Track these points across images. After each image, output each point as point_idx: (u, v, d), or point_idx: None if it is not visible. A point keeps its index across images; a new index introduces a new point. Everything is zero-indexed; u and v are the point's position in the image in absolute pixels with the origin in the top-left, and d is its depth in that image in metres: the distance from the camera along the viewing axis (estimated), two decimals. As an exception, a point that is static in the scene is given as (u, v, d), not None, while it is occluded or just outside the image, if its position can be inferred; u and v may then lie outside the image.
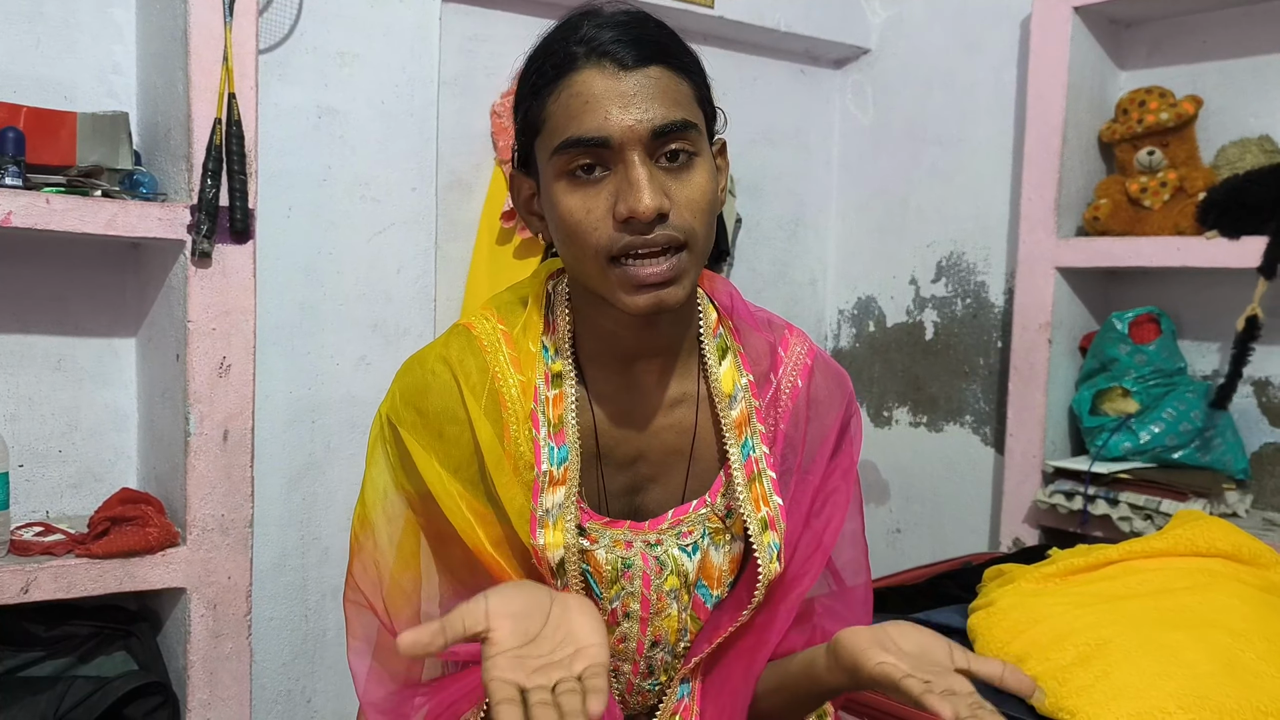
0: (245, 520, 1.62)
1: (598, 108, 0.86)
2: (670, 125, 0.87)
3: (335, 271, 1.94)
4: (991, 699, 1.31)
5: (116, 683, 1.53)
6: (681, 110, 0.88)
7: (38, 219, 1.43)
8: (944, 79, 2.42)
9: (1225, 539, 1.46)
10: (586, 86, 0.87)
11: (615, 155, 0.87)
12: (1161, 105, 1.96)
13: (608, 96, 0.86)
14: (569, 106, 0.87)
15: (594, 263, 0.89)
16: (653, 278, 0.88)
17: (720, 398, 1.00)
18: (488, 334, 1.00)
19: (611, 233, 0.87)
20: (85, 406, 1.75)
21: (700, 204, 0.89)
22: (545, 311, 1.01)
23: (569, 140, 0.87)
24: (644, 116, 0.86)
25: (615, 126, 0.86)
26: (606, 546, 0.98)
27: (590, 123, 0.86)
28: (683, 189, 0.88)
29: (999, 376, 2.30)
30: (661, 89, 0.87)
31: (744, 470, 0.99)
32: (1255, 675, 1.20)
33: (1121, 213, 1.99)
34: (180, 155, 1.56)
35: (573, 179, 0.88)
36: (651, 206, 0.85)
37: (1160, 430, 1.90)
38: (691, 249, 0.89)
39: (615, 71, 0.86)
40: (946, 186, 2.43)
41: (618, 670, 1.00)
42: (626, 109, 0.86)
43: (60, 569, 1.48)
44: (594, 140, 0.86)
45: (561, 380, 0.98)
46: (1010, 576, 1.56)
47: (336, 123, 1.92)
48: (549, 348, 1.00)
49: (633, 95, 0.86)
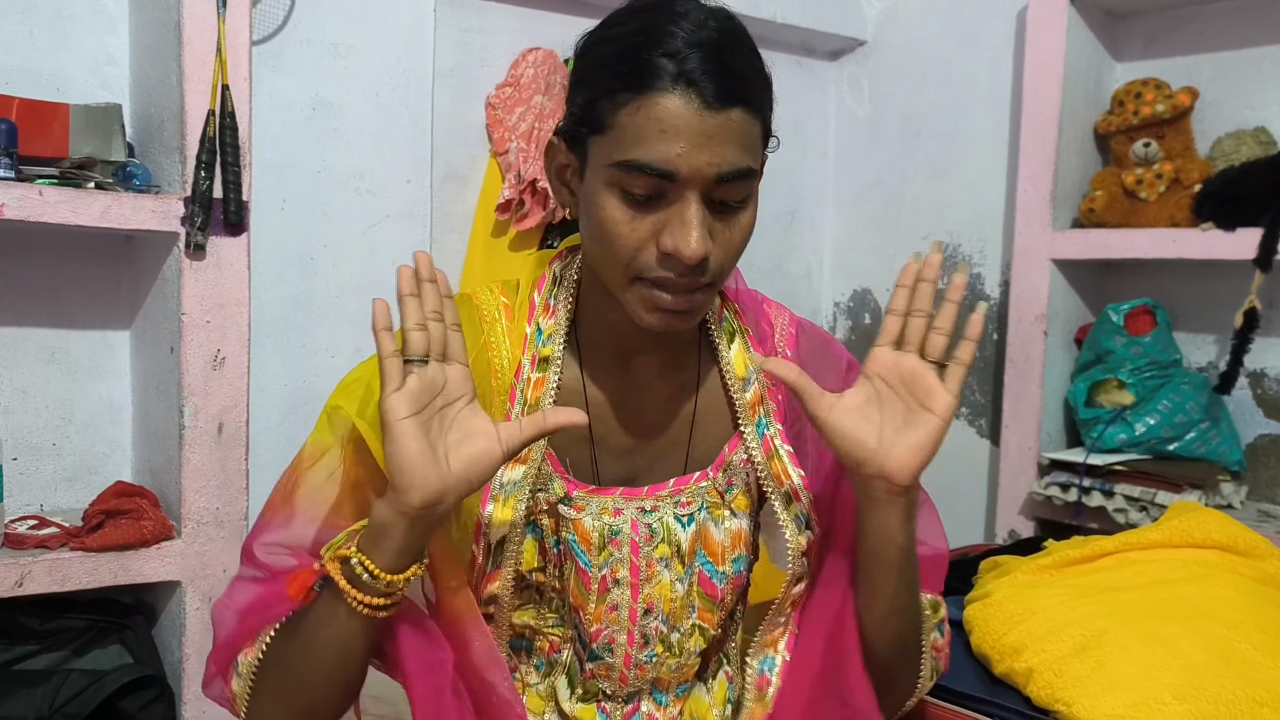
0: (240, 513, 1.61)
1: (675, 141, 0.84)
2: (736, 173, 0.86)
3: (330, 264, 1.93)
4: (986, 690, 1.32)
5: (111, 676, 1.52)
6: (749, 157, 0.87)
7: (30, 211, 1.43)
8: (940, 71, 2.42)
9: (1221, 530, 1.46)
10: (668, 115, 0.84)
11: (675, 189, 0.86)
12: (1157, 97, 1.96)
13: (687, 133, 0.84)
14: (644, 128, 0.85)
15: (620, 274, 0.90)
16: (673, 306, 0.89)
17: (734, 380, 1.02)
18: (489, 305, 1.02)
19: (649, 259, 0.88)
20: (79, 399, 1.74)
21: (738, 245, 0.91)
22: (547, 295, 1.02)
23: (635, 163, 0.85)
24: (715, 161, 0.85)
25: (686, 165, 0.84)
26: (593, 514, 0.99)
27: (663, 154, 0.84)
28: (727, 232, 0.89)
29: (994, 369, 2.30)
30: (738, 134, 0.86)
31: (761, 449, 1.02)
32: (1251, 666, 1.20)
33: (1117, 205, 1.99)
34: (174, 147, 1.56)
35: (626, 194, 0.87)
36: (698, 253, 0.85)
37: (1156, 422, 1.90)
38: (715, 286, 0.91)
39: (700, 108, 0.84)
40: (942, 179, 2.43)
41: (613, 642, 1.00)
42: (701, 150, 0.84)
43: (55, 562, 1.48)
44: (661, 172, 0.85)
45: (547, 365, 0.99)
46: (1006, 568, 1.56)
47: (331, 115, 1.92)
48: (542, 330, 1.00)
49: (712, 136, 0.84)
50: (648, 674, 1.03)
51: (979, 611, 1.42)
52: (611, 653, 1.01)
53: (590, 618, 1.00)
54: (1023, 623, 1.35)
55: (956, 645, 1.43)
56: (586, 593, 0.99)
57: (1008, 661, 1.32)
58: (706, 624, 1.03)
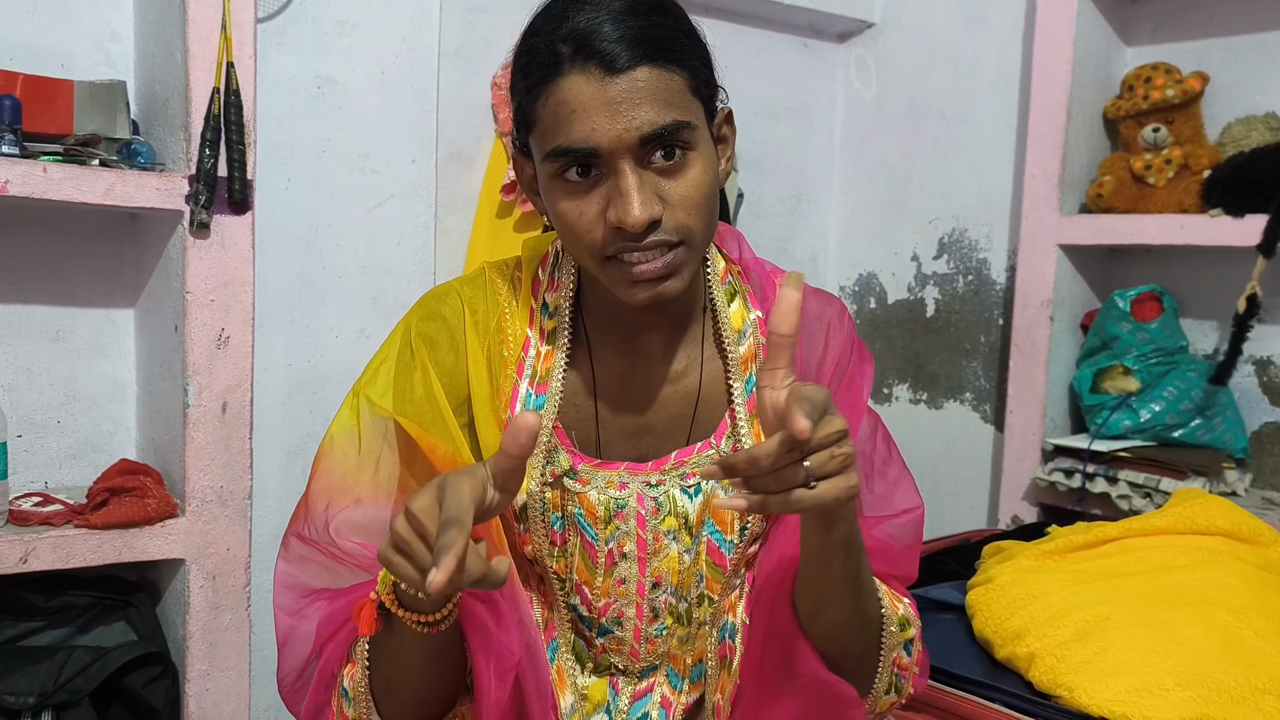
0: (244, 492, 1.62)
1: (584, 118, 0.84)
2: (659, 130, 0.85)
3: (334, 244, 1.93)
4: (987, 675, 1.32)
5: (116, 653, 1.53)
6: (673, 110, 0.86)
7: (35, 188, 1.42)
8: (948, 54, 2.41)
9: (1225, 517, 1.46)
10: (573, 94, 0.85)
11: (605, 162, 0.86)
12: (1167, 82, 1.94)
13: (594, 105, 0.84)
14: (556, 114, 0.86)
15: (590, 260, 0.90)
16: (648, 274, 0.88)
17: (729, 335, 1.02)
18: (502, 279, 1.03)
19: (605, 237, 0.88)
20: (84, 377, 1.74)
21: (696, 199, 0.88)
22: (551, 270, 1.03)
23: (558, 149, 0.86)
24: (631, 125, 0.84)
25: (603, 136, 0.84)
26: (598, 488, 0.99)
27: (577, 133, 0.85)
28: (677, 187, 0.88)
29: (1000, 354, 2.30)
30: (651, 91, 0.85)
31: (746, 406, 1.01)
32: (1253, 653, 1.20)
33: (1125, 190, 1.98)
34: (178, 125, 1.55)
35: (566, 182, 0.88)
36: (641, 219, 0.85)
37: (1161, 409, 1.89)
38: (689, 244, 0.90)
39: (601, 77, 0.84)
40: (949, 162, 2.41)
41: (622, 615, 1.01)
42: (614, 118, 0.84)
43: (59, 539, 1.48)
44: (582, 151, 0.85)
45: (556, 337, 1.00)
46: (1009, 553, 1.56)
47: (336, 93, 1.91)
48: (549, 304, 1.01)
49: (620, 102, 0.84)
50: (659, 648, 1.03)
51: (982, 596, 1.42)
52: (621, 626, 1.01)
53: (598, 592, 1.00)
54: (1025, 608, 1.35)
55: (959, 630, 1.43)
56: (593, 566, 0.99)
57: (1010, 646, 1.32)
58: (713, 593, 1.03)
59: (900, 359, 2.53)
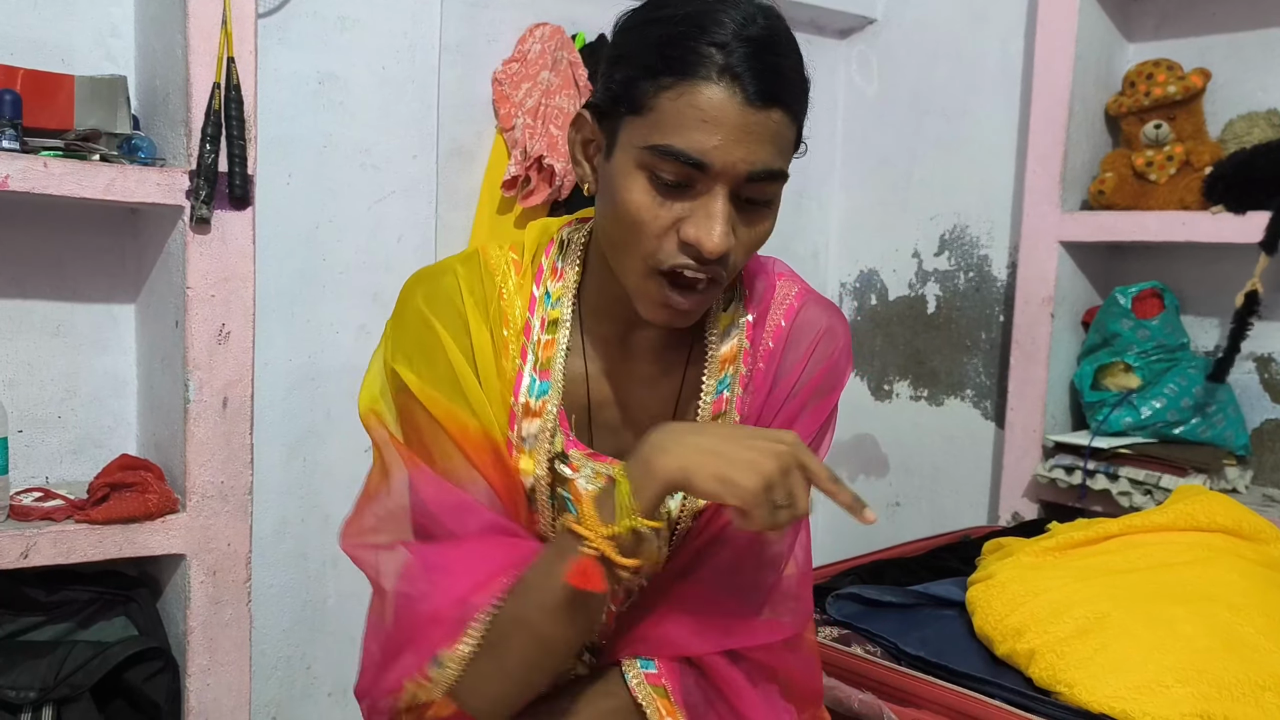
0: (245, 487, 1.62)
1: (713, 133, 0.84)
2: (767, 172, 0.86)
3: (335, 239, 1.93)
4: (988, 671, 1.32)
5: (116, 648, 1.53)
6: (781, 159, 0.88)
7: (35, 183, 1.42)
8: (950, 50, 2.40)
9: (1226, 514, 1.46)
10: (711, 105, 0.84)
11: (705, 181, 0.86)
12: (1169, 78, 1.94)
13: (726, 126, 0.84)
14: (684, 115, 0.84)
15: (637, 262, 0.90)
16: (680, 304, 0.90)
17: (715, 332, 1.02)
18: (498, 260, 1.01)
19: (669, 248, 0.88)
20: (84, 372, 1.74)
21: (756, 247, 0.92)
22: (555, 259, 1.02)
23: (671, 150, 0.85)
24: (750, 158, 0.85)
25: (721, 159, 0.84)
26: (588, 477, 0.99)
27: (698, 143, 0.84)
28: (749, 233, 0.90)
29: (1000, 351, 2.29)
30: (775, 135, 0.86)
31: (712, 407, 1.01)
32: (1253, 649, 1.20)
33: (1127, 187, 1.98)
34: (179, 120, 1.55)
35: (655, 179, 0.87)
36: (720, 248, 0.86)
37: (1162, 406, 1.89)
38: (722, 283, 0.92)
39: (742, 103, 0.84)
40: (951, 159, 2.41)
41: None
42: (738, 145, 0.84)
43: (60, 534, 1.48)
44: (695, 162, 0.84)
45: (556, 327, 1.00)
46: (1009, 550, 1.56)
47: (337, 88, 1.90)
48: (551, 294, 1.01)
49: (749, 134, 0.84)
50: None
51: (982, 593, 1.42)
52: None
53: None
54: (1025, 604, 1.35)
55: (959, 627, 1.43)
56: None
57: (1010, 643, 1.32)
58: None
59: (901, 356, 2.53)
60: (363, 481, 1.01)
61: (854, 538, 2.50)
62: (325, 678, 2.01)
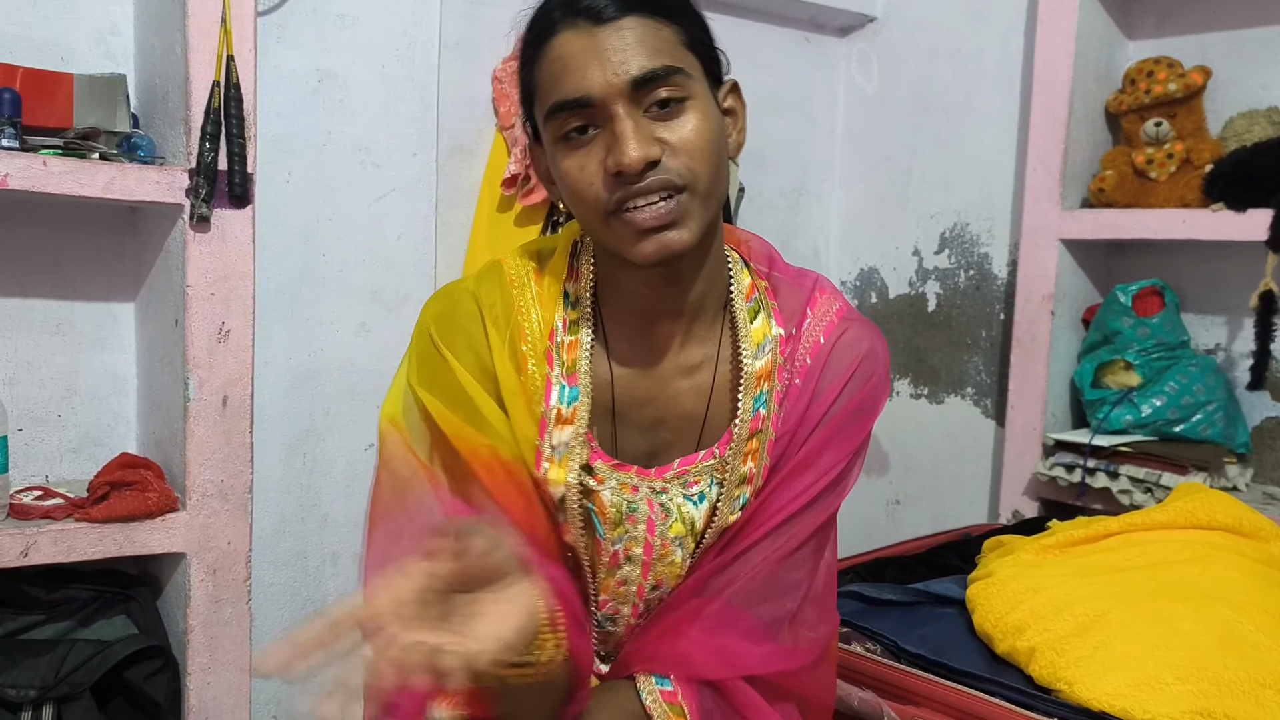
0: (245, 486, 1.61)
1: (575, 68, 0.87)
2: (650, 74, 0.86)
3: (335, 237, 1.93)
4: (987, 669, 1.32)
5: (116, 646, 1.53)
6: (664, 57, 0.88)
7: (35, 181, 1.42)
8: (950, 47, 2.40)
9: (1226, 512, 1.46)
10: (564, 48, 0.88)
11: (601, 112, 0.87)
12: (1169, 76, 1.94)
13: (584, 55, 0.87)
14: (551, 71, 0.89)
15: (597, 218, 0.90)
16: (651, 221, 0.88)
17: (748, 348, 0.99)
18: (517, 270, 1.01)
19: (606, 187, 0.88)
20: (84, 371, 1.74)
21: (696, 144, 0.88)
22: (570, 260, 1.02)
23: (555, 105, 0.88)
24: (621, 68, 0.86)
25: (594, 84, 0.86)
26: (612, 489, 0.98)
27: (570, 85, 0.87)
28: (674, 132, 0.88)
29: (1001, 349, 2.29)
30: (639, 39, 0.87)
31: (749, 424, 0.99)
32: (1253, 647, 1.20)
33: (1127, 184, 1.98)
34: (178, 118, 1.55)
35: (567, 141, 0.89)
36: (637, 157, 0.85)
37: (1162, 404, 1.89)
38: (693, 190, 0.89)
39: (589, 28, 0.87)
40: (951, 157, 2.41)
41: (616, 614, 1.01)
42: (604, 65, 0.86)
43: (60, 533, 1.48)
44: (576, 101, 0.87)
45: (578, 327, 0.99)
46: (1010, 548, 1.56)
47: (336, 86, 1.90)
48: (570, 294, 1.01)
49: (608, 50, 0.86)
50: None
51: (982, 590, 1.42)
52: (615, 623, 1.01)
53: (599, 587, 1.00)
54: (1025, 602, 1.35)
55: (959, 624, 1.43)
56: (600, 565, 1.00)
57: (1010, 640, 1.32)
58: None
59: (901, 354, 2.53)
60: (366, 507, 0.99)
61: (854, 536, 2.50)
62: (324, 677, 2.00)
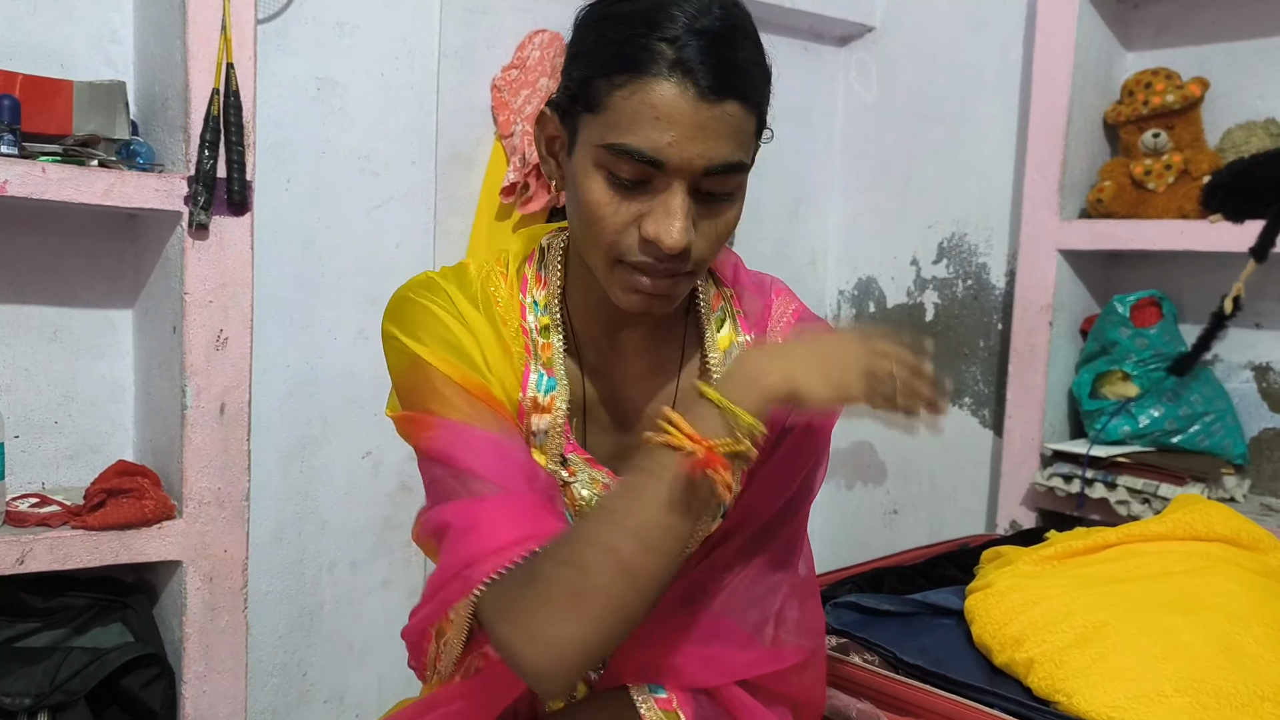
0: (242, 494, 1.61)
1: (666, 130, 0.83)
2: (726, 167, 0.86)
3: (334, 245, 1.93)
4: (986, 680, 1.32)
5: (113, 654, 1.53)
6: (740, 152, 0.87)
7: (34, 188, 1.42)
8: (949, 57, 2.41)
9: (1224, 523, 1.46)
10: (663, 102, 0.83)
11: (662, 178, 0.85)
12: (1168, 87, 1.94)
13: (680, 123, 0.83)
14: (637, 113, 0.83)
15: (601, 255, 0.90)
16: (649, 289, 0.89)
17: (715, 359, 1.02)
18: (482, 270, 1.01)
19: (630, 243, 0.88)
20: (82, 378, 1.74)
21: (721, 235, 0.90)
22: (537, 268, 1.02)
23: (624, 148, 0.84)
24: (706, 154, 0.84)
25: (673, 155, 0.84)
26: (584, 483, 0.99)
27: (653, 141, 0.83)
28: (710, 224, 0.89)
29: (999, 359, 2.29)
30: (733, 128, 0.85)
31: None
32: (1253, 659, 1.19)
33: (1125, 195, 1.98)
34: (178, 126, 1.55)
35: (612, 177, 0.86)
36: (680, 243, 0.85)
37: (1160, 414, 1.89)
38: (695, 273, 0.91)
39: (695, 99, 0.83)
40: (950, 166, 2.41)
41: None
42: (693, 142, 0.83)
43: (56, 540, 1.48)
44: (650, 160, 0.84)
45: (550, 332, 1.00)
46: (1008, 558, 1.56)
47: (336, 94, 1.90)
48: (539, 302, 1.01)
49: (703, 129, 0.83)
50: None
51: (980, 602, 1.42)
52: None
53: None
54: (1024, 613, 1.34)
55: (958, 635, 1.43)
56: None
57: (1009, 652, 1.32)
58: None
59: (899, 363, 2.53)
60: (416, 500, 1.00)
61: (852, 546, 2.50)
62: (321, 684, 2.00)
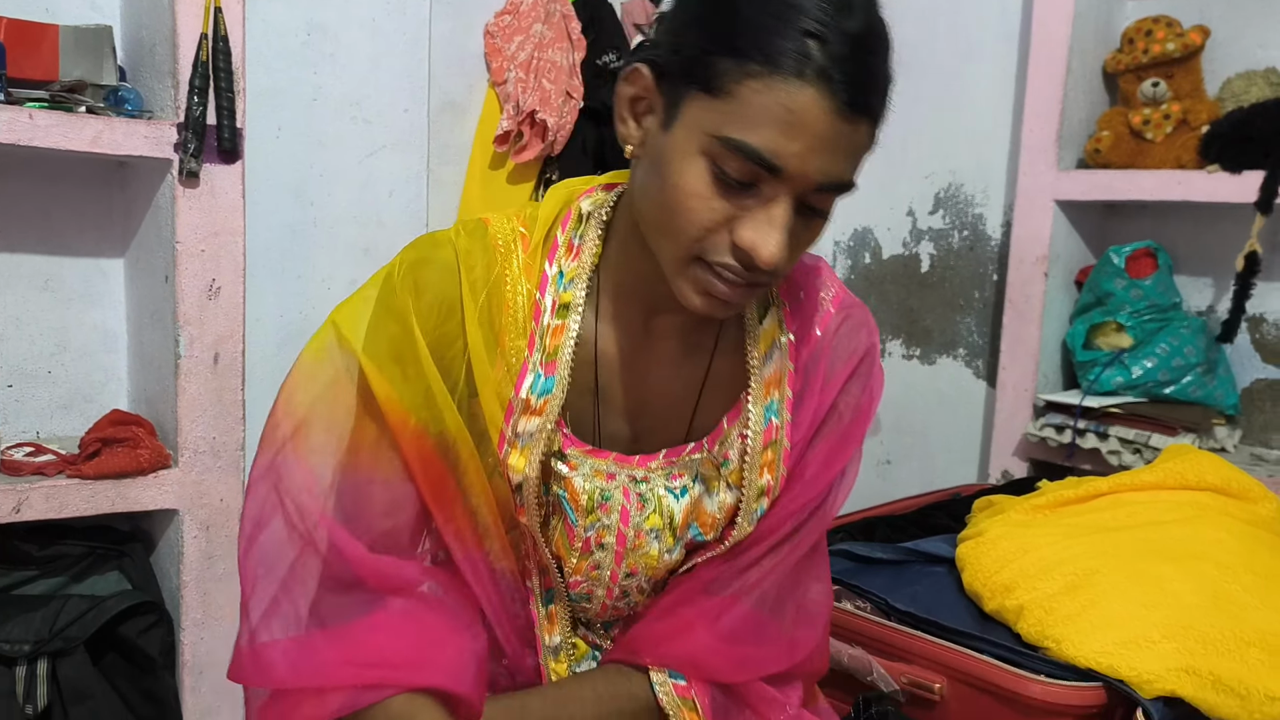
0: (237, 443, 1.61)
1: (794, 138, 0.75)
2: (838, 185, 0.80)
3: (326, 194, 1.91)
4: (976, 627, 1.33)
5: (110, 601, 1.54)
6: (854, 170, 0.81)
7: (20, 135, 1.40)
8: (947, 5, 2.37)
9: (1215, 473, 1.47)
10: (801, 109, 0.75)
11: (773, 185, 0.78)
12: (1168, 35, 1.92)
13: (811, 133, 0.76)
14: (769, 111, 0.75)
15: (678, 249, 0.82)
16: (723, 295, 0.82)
17: (756, 352, 0.96)
18: (504, 233, 0.93)
19: (718, 244, 0.80)
20: (74, 327, 1.73)
21: (804, 249, 0.85)
22: (571, 234, 0.94)
23: (745, 146, 0.76)
24: (827, 170, 0.78)
25: (797, 167, 0.77)
26: (585, 475, 0.95)
27: (779, 147, 0.76)
28: (803, 238, 0.83)
29: (994, 310, 2.29)
30: (856, 148, 0.80)
31: (763, 435, 0.96)
32: (1240, 606, 1.21)
33: (1123, 145, 1.97)
34: (166, 72, 1.53)
35: (716, 169, 0.78)
36: (776, 259, 0.79)
37: (1153, 365, 1.90)
38: (772, 284, 0.87)
39: (832, 112, 0.75)
40: (947, 117, 2.39)
41: (591, 594, 1.00)
42: (817, 155, 0.77)
43: (52, 489, 1.48)
44: (767, 164, 0.76)
45: (568, 312, 0.92)
46: (999, 507, 1.57)
47: (326, 40, 1.88)
48: (565, 274, 0.92)
49: (832, 145, 0.77)
50: (624, 613, 1.04)
51: (971, 550, 1.43)
52: (589, 601, 1.01)
53: (571, 569, 0.99)
54: (1015, 561, 1.36)
55: (949, 583, 1.44)
56: (570, 549, 0.98)
57: (999, 599, 1.33)
58: None
59: (894, 314, 2.53)
60: None
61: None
62: (319, 632, 2.02)
